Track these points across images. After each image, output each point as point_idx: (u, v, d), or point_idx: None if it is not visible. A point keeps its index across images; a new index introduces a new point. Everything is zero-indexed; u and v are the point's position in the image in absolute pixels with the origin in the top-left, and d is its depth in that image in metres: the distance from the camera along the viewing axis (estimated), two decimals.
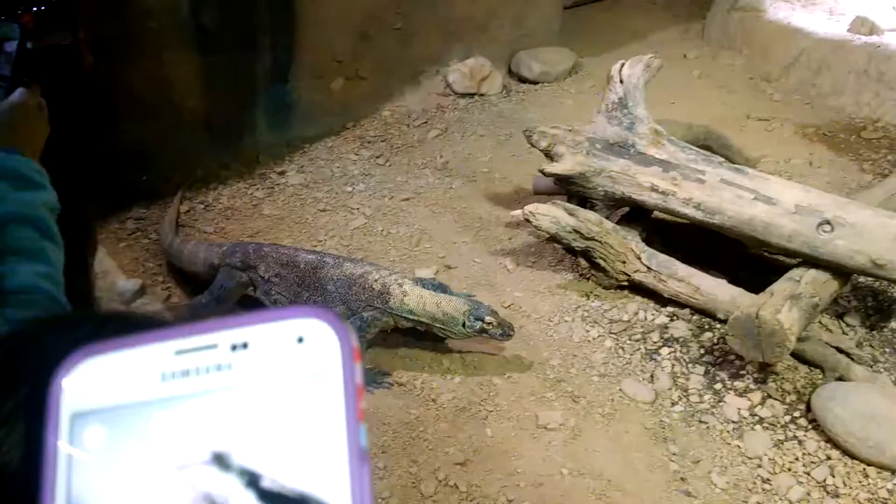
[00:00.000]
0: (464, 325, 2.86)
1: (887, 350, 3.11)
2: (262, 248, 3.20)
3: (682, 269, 3.21)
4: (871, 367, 2.99)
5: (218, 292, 3.16)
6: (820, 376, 2.93)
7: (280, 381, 0.39)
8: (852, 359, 2.95)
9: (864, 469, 2.59)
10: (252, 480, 0.37)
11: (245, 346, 0.39)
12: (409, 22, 4.97)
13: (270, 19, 4.25)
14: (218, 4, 4.03)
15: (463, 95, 5.29)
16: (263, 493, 0.37)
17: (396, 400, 2.87)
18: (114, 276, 3.42)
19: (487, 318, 2.85)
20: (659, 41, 6.19)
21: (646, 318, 3.25)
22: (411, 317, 2.92)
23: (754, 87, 5.48)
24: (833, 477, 2.56)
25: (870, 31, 5.41)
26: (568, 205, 3.35)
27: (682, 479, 2.55)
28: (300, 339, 0.40)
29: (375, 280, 2.98)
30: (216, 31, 4.07)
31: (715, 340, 3.09)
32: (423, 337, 3.14)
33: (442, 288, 3.13)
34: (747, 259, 3.48)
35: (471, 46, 5.42)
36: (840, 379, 2.87)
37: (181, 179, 4.12)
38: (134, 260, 3.63)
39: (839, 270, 2.95)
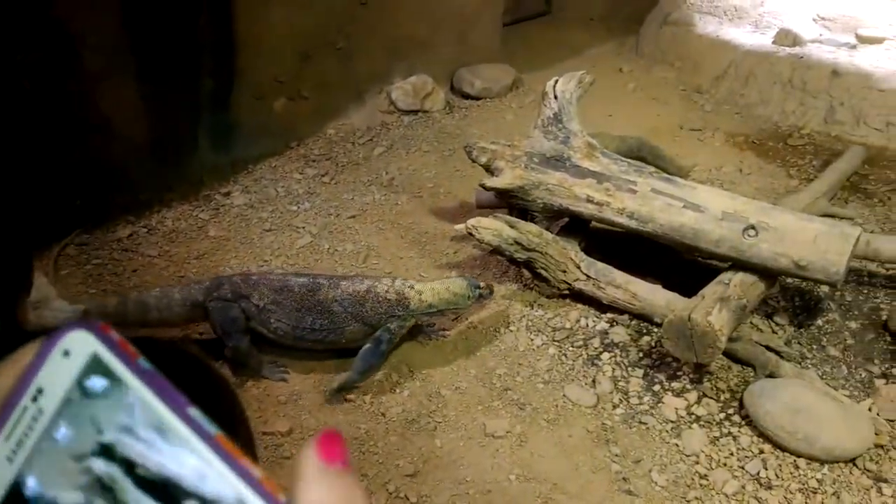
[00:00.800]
0: (468, 297, 3.10)
1: (814, 347, 3.28)
2: (249, 277, 3.14)
3: (620, 277, 3.33)
4: (800, 363, 3.14)
5: (233, 327, 3.03)
6: (752, 374, 3.07)
7: (80, 393, 0.45)
8: (781, 356, 3.10)
9: (795, 461, 2.72)
10: (129, 468, 0.44)
11: (40, 391, 0.45)
12: (351, 41, 5.04)
13: (210, 41, 4.27)
14: (157, 27, 4.03)
15: (407, 112, 5.37)
16: (138, 479, 0.43)
17: (346, 416, 2.91)
18: (54, 303, 3.38)
19: (480, 284, 3.17)
20: (596, 56, 6.40)
21: (587, 325, 3.36)
22: (431, 310, 3.10)
23: (686, 98, 5.70)
24: (766, 470, 2.68)
25: (793, 43, 5.68)
26: (509, 217, 3.44)
27: (624, 478, 2.65)
28: (66, 353, 0.45)
29: (387, 291, 3.05)
30: (155, 53, 4.07)
31: (652, 344, 3.21)
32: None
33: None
34: (681, 264, 3.63)
35: (413, 64, 5.51)
36: (770, 376, 3.01)
37: (125, 202, 4.09)
38: (76, 286, 3.59)
39: (765, 272, 3.10)
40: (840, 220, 3.79)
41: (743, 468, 2.69)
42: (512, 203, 3.60)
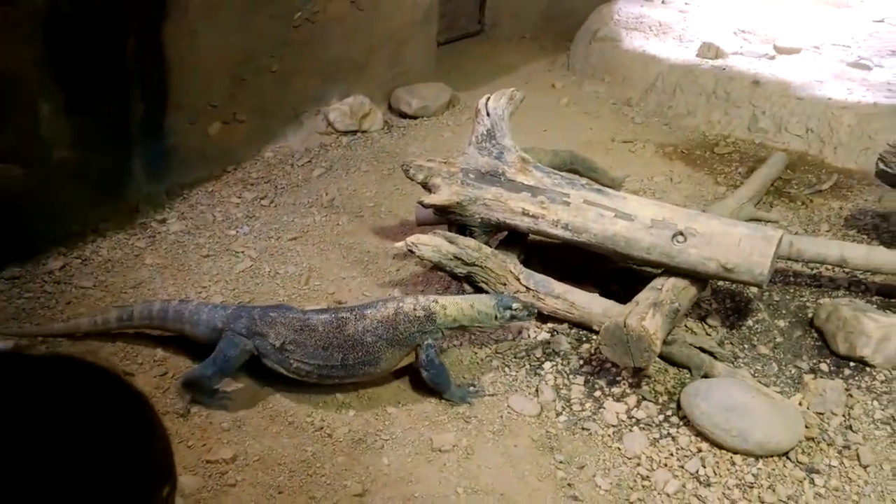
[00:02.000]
0: (496, 317, 3.08)
1: (746, 346, 3.40)
2: (267, 313, 3.05)
3: (559, 287, 3.41)
4: (733, 363, 3.26)
5: (221, 363, 3.00)
6: (688, 376, 3.17)
7: None
8: (715, 357, 3.21)
9: (731, 458, 2.81)
10: None
11: None
12: (286, 63, 5.04)
13: (139, 67, 4.21)
14: (84, 53, 3.96)
15: (345, 133, 5.39)
16: None
17: (290, 439, 2.88)
18: None
19: (514, 305, 3.10)
20: (529, 73, 6.55)
21: (529, 336, 3.42)
22: (454, 325, 3.10)
23: (617, 111, 5.87)
24: (704, 468, 2.77)
25: (715, 56, 5.93)
26: (448, 233, 3.49)
27: (569, 485, 2.70)
28: None
29: (414, 309, 3.05)
30: (84, 80, 3.99)
31: (592, 351, 3.28)
32: None
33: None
34: (617, 273, 3.73)
35: (350, 85, 5.54)
36: (705, 376, 3.11)
37: (56, 234, 3.99)
38: (7, 321, 3.47)
39: (695, 276, 3.22)
40: (765, 223, 3.97)
41: (683, 467, 2.77)
42: (451, 219, 3.65)
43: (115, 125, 4.25)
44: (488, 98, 3.63)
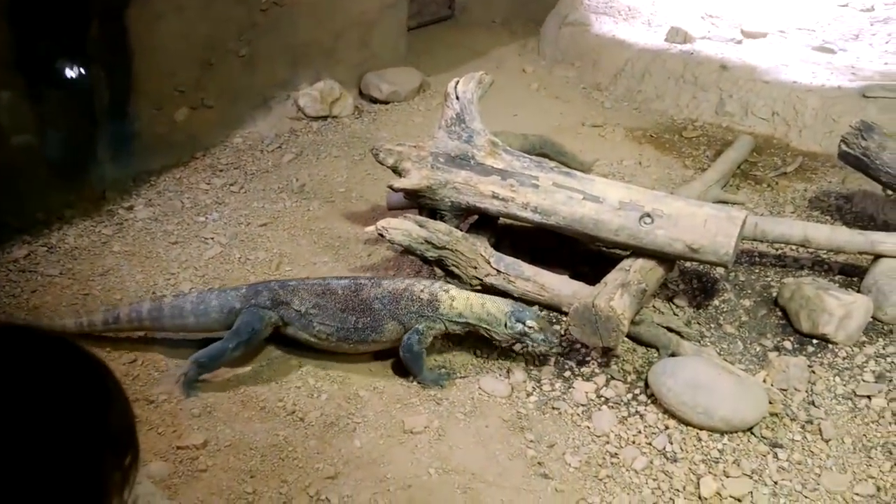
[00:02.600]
0: (505, 325, 3.00)
1: (712, 325, 3.47)
2: (287, 283, 3.15)
3: (528, 269, 3.43)
4: (699, 342, 3.32)
5: (247, 335, 3.03)
6: (655, 355, 3.22)
7: None
8: (682, 336, 3.27)
9: (698, 434, 2.87)
10: None
11: None
12: (254, 48, 4.99)
13: (103, 53, 4.14)
14: (47, 38, 3.89)
15: (315, 118, 5.36)
16: None
17: (262, 424, 2.88)
18: None
19: (529, 322, 2.98)
20: (500, 57, 6.55)
21: None
22: (460, 320, 3.06)
23: (587, 96, 5.90)
24: (671, 444, 2.82)
25: (683, 40, 5.98)
26: (418, 217, 3.50)
27: (539, 463, 2.73)
28: None
29: (422, 290, 3.07)
30: (47, 67, 3.92)
31: (562, 332, 3.32)
32: (288, 358, 3.19)
33: None
34: (587, 255, 3.77)
35: (320, 70, 5.50)
36: (673, 355, 3.16)
37: (20, 222, 3.93)
38: None
39: (662, 257, 3.27)
40: (732, 205, 4.02)
41: (650, 444, 2.82)
42: (421, 203, 3.66)
43: (79, 111, 4.19)
44: (457, 82, 3.64)
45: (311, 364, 3.18)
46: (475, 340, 3.32)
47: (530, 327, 2.97)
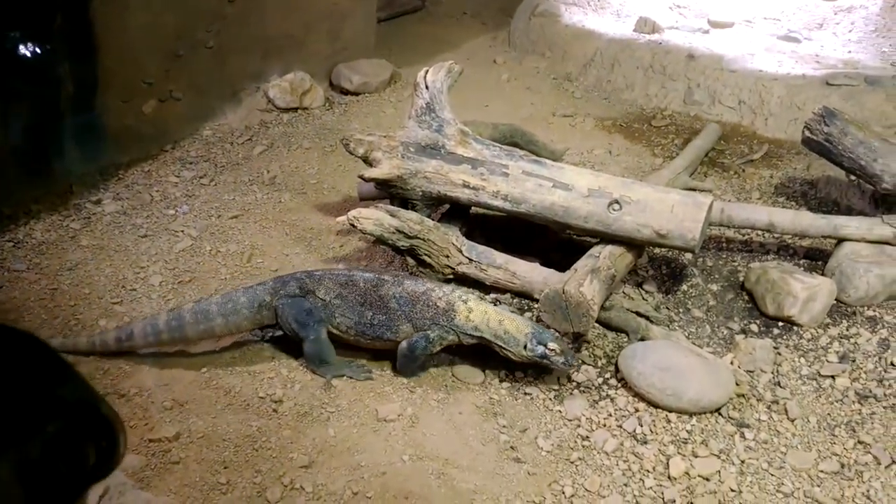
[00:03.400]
0: (525, 346, 2.89)
1: (681, 310, 3.52)
2: (313, 273, 3.13)
3: (500, 258, 3.46)
4: (668, 326, 3.37)
5: (307, 318, 3.02)
6: (625, 340, 3.27)
7: None
8: (651, 321, 3.31)
9: (667, 416, 2.92)
10: None
11: None
12: (222, 39, 4.95)
13: (68, 45, 4.08)
14: (10, 31, 3.82)
15: (286, 110, 5.33)
16: None
17: (235, 415, 2.88)
18: None
19: (551, 345, 2.86)
20: (470, 49, 6.56)
21: None
22: (475, 333, 2.95)
23: (558, 86, 5.94)
24: (641, 426, 2.87)
25: (652, 30, 6.04)
26: (390, 207, 3.50)
27: (511, 447, 2.76)
28: None
29: (440, 297, 3.00)
30: (11, 60, 3.86)
31: (534, 319, 3.35)
32: (261, 349, 3.18)
33: None
34: (559, 244, 3.81)
35: (290, 61, 5.47)
36: (642, 340, 3.21)
37: None
38: None
39: (631, 243, 3.31)
40: (700, 192, 4.08)
41: (621, 427, 2.87)
42: (392, 193, 3.66)
43: (44, 104, 4.12)
44: (427, 71, 3.64)
45: (284, 355, 3.18)
46: None
47: (552, 350, 2.86)
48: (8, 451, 0.88)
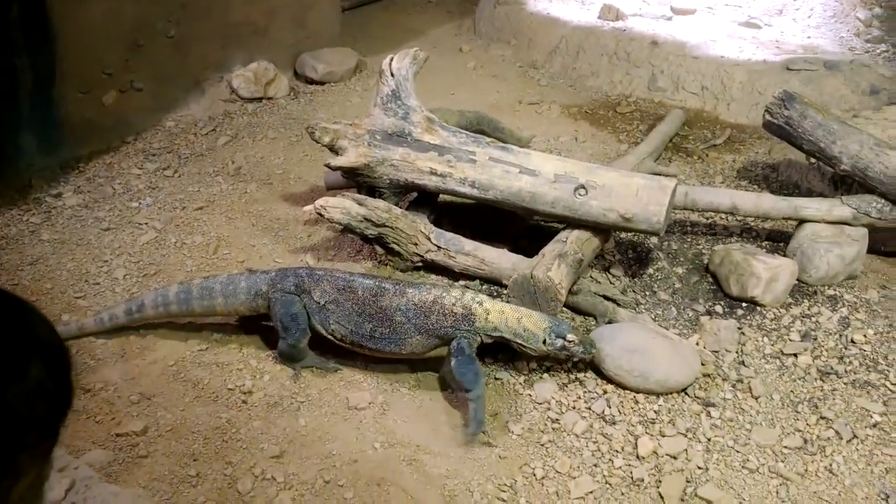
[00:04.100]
0: (544, 342, 2.84)
1: (647, 293, 3.57)
2: (314, 271, 3.04)
3: (469, 244, 3.47)
4: (635, 309, 3.41)
5: (293, 323, 2.96)
6: (593, 323, 3.30)
7: None
8: (618, 304, 3.35)
9: (635, 396, 2.96)
10: None
11: None
12: (184, 29, 4.87)
13: (26, 35, 3.99)
14: None
15: (250, 100, 5.27)
16: None
17: (204, 407, 2.86)
18: None
19: (569, 336, 2.83)
20: (436, 37, 6.54)
21: None
22: (495, 333, 2.87)
23: (524, 74, 5.96)
24: (610, 408, 2.90)
25: (616, 17, 6.08)
26: (357, 195, 3.49)
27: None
28: None
29: (454, 304, 2.87)
30: None
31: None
32: (228, 341, 3.16)
33: None
34: (527, 230, 3.83)
35: (253, 51, 5.41)
36: (610, 323, 3.25)
37: None
38: None
39: (598, 228, 3.34)
40: (664, 176, 4.13)
41: (590, 409, 2.90)
42: (359, 181, 3.65)
43: (0, 97, 4.03)
44: (392, 58, 3.63)
45: (252, 346, 3.16)
46: None
47: (570, 341, 2.83)
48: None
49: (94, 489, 2.11)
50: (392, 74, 3.57)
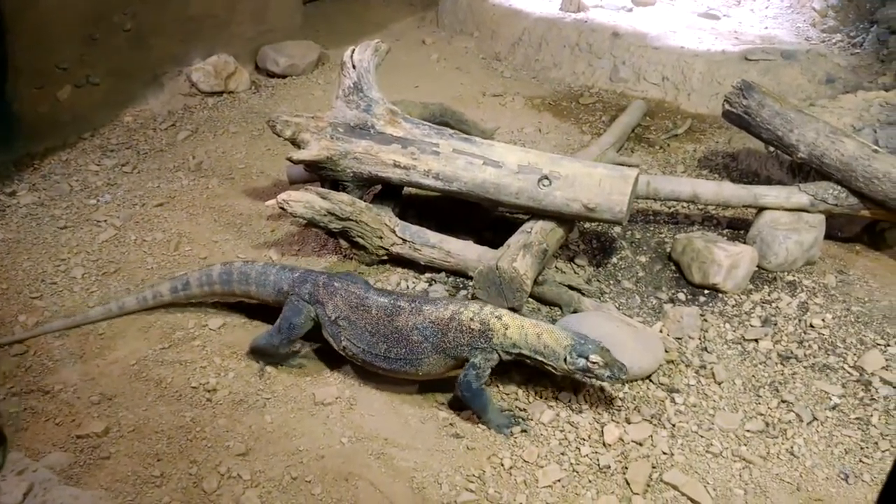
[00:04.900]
0: (565, 360, 2.70)
1: (611, 282, 3.60)
2: (332, 282, 2.93)
3: (434, 237, 3.46)
4: (600, 298, 3.44)
5: (287, 332, 2.92)
6: (559, 313, 3.32)
7: None
8: (583, 293, 3.38)
9: (601, 384, 2.98)
10: None
11: None
12: (140, 22, 4.77)
13: None
14: None
15: (210, 94, 5.19)
16: None
17: (168, 407, 2.81)
18: None
19: (593, 357, 2.66)
20: (399, 29, 6.51)
21: (408, 287, 3.46)
22: (514, 350, 2.74)
23: (487, 66, 5.96)
24: (576, 396, 2.93)
25: (577, 9, 6.11)
26: (320, 189, 3.46)
27: (450, 424, 2.78)
28: None
29: (472, 319, 2.74)
30: None
31: (469, 296, 3.37)
32: (191, 338, 3.11)
33: None
34: (493, 221, 3.83)
35: (213, 44, 5.32)
36: (575, 312, 3.27)
37: None
38: None
39: (561, 218, 3.36)
40: (626, 166, 4.16)
41: (557, 398, 2.92)
42: (323, 175, 3.62)
43: None
44: (353, 50, 3.60)
45: (216, 343, 3.12)
46: None
47: (594, 363, 2.66)
48: None
49: (53, 492, 2.07)
50: (353, 66, 3.54)
